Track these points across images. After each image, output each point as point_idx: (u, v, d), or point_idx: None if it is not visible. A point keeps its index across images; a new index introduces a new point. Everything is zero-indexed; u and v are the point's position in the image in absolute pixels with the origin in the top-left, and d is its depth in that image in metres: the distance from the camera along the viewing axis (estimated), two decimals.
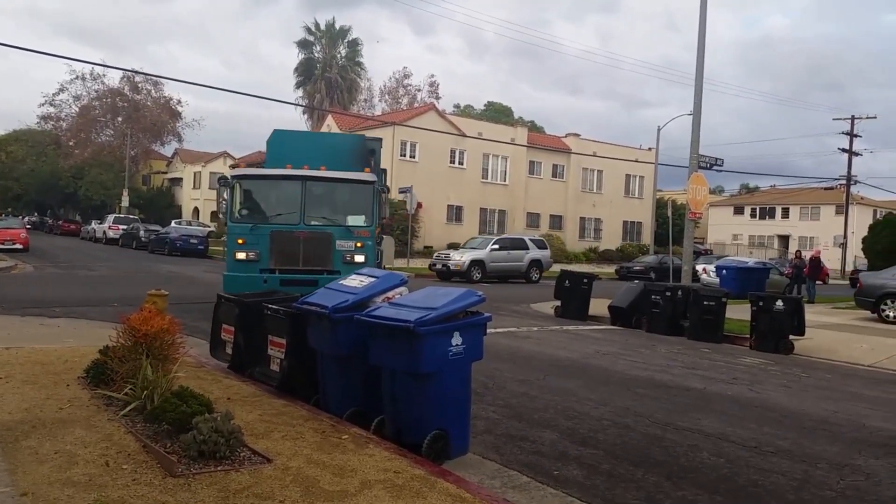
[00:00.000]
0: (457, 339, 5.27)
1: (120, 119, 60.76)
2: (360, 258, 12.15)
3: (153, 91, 60.19)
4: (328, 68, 54.30)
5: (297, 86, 56.08)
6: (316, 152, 12.93)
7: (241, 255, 11.92)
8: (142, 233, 38.87)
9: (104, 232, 43.66)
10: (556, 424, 6.76)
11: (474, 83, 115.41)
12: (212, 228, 50.98)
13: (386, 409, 5.55)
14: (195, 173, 62.49)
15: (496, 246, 27.70)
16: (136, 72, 52.02)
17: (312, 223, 12.24)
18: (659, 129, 38.64)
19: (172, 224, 45.92)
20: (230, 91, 64.17)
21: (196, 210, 61.82)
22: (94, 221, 49.18)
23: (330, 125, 42.70)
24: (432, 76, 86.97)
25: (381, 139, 15.12)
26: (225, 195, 12.24)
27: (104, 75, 59.12)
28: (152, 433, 5.02)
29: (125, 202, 51.75)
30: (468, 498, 4.26)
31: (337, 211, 12.72)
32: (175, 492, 4.03)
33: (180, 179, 64.50)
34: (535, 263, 28.53)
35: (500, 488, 4.87)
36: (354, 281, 6.23)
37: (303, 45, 55.39)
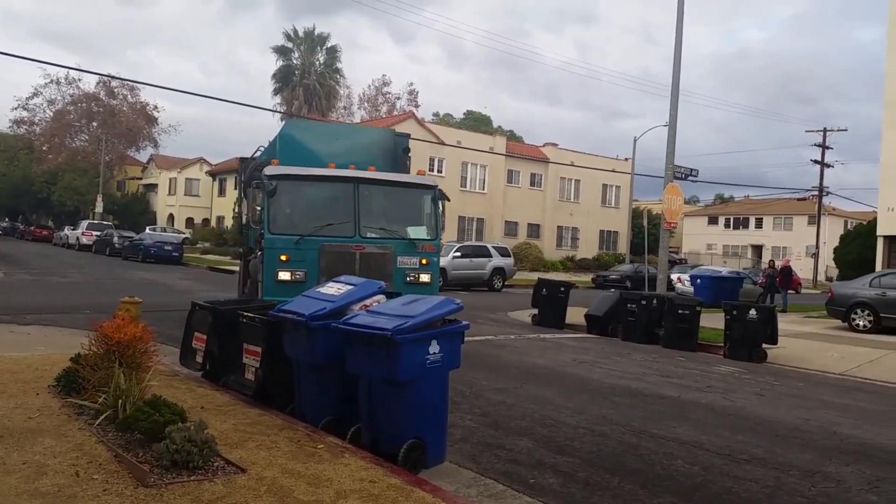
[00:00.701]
0: (434, 348, 5.27)
1: (95, 124, 59.97)
2: (425, 278, 10.31)
3: (129, 96, 59.54)
4: (306, 75, 54.15)
5: (275, 92, 55.87)
6: (343, 149, 11.13)
7: (284, 276, 9.64)
8: (116, 239, 38.34)
9: (77, 238, 43.00)
10: (532, 432, 6.77)
11: (453, 92, 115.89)
12: (187, 235, 50.49)
13: (363, 417, 5.52)
14: (171, 179, 61.88)
15: (458, 253, 26.87)
16: (113, 76, 51.51)
17: (369, 235, 10.18)
18: (635, 140, 39.01)
19: (147, 230, 45.31)
20: (207, 97, 63.82)
21: (171, 216, 61.18)
22: (67, 227, 48.39)
23: None
24: (412, 84, 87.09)
25: (408, 135, 13.02)
26: (258, 200, 10.22)
27: (80, 79, 58.43)
28: (124, 442, 4.95)
29: (99, 208, 51.04)
30: None
31: (393, 220, 10.80)
32: (147, 502, 3.97)
33: (155, 185, 63.80)
34: (498, 272, 27.91)
35: (476, 497, 4.86)
36: (332, 288, 6.21)
37: (281, 51, 55.20)
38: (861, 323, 17.10)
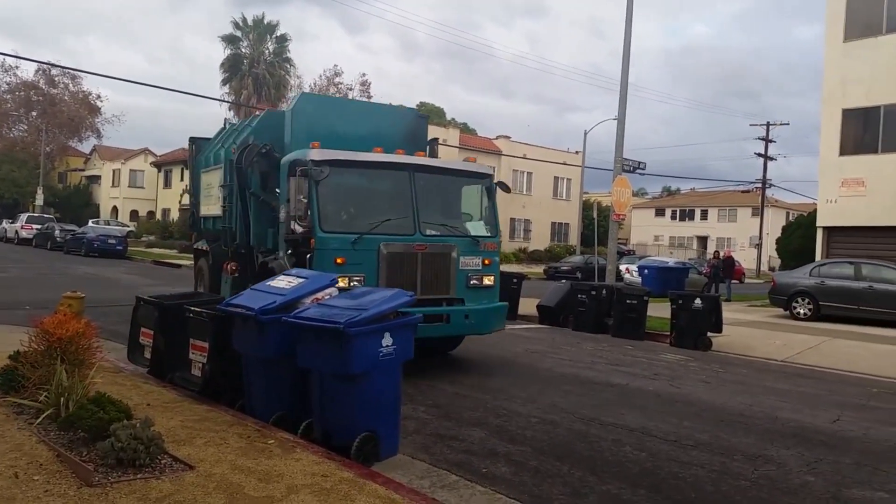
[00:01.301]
0: (387, 340, 5.26)
1: (34, 114, 57.91)
2: (488, 280, 9.19)
3: (70, 85, 57.68)
4: (256, 64, 53.16)
5: (224, 82, 54.66)
6: (366, 130, 9.83)
7: (342, 282, 7.73)
8: (57, 232, 37.11)
9: (16, 231, 41.53)
10: (485, 423, 6.82)
11: (406, 83, 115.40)
12: (131, 228, 49.25)
13: (314, 412, 5.48)
14: (114, 171, 60.19)
15: None
16: (54, 64, 49.80)
17: (429, 233, 8.87)
18: (586, 134, 39.51)
19: (90, 223, 44.09)
20: (152, 86, 62.44)
21: (115, 209, 59.57)
22: (5, 220, 46.66)
23: None
24: (364, 75, 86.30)
25: (427, 116, 11.53)
26: (302, 189, 8.35)
27: (17, 67, 56.29)
28: (67, 442, 4.81)
29: (39, 200, 49.35)
30: (397, 499, 4.25)
31: (448, 215, 9.55)
32: (91, 502, 3.87)
33: (98, 177, 61.98)
34: None
35: (429, 488, 4.88)
36: (282, 282, 6.13)
37: (229, 40, 54.04)
38: (802, 311, 17.68)
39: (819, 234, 21.47)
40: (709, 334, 13.03)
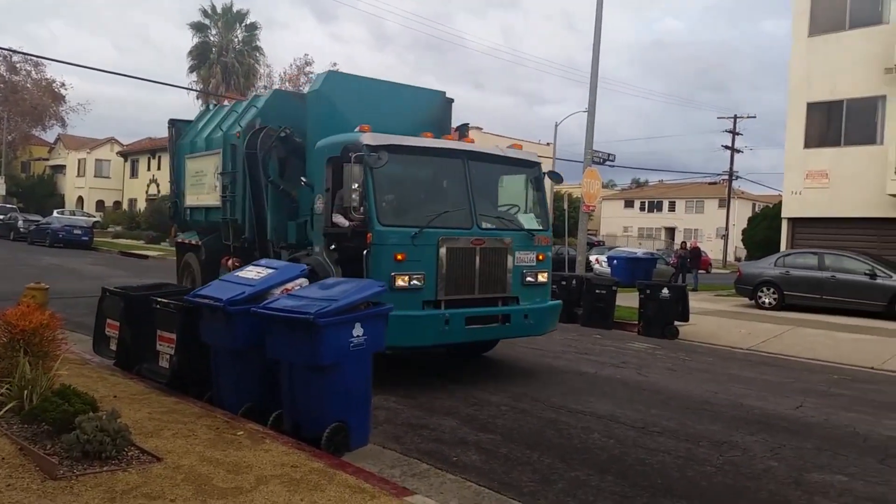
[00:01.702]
0: (358, 331, 5.25)
1: None
2: (542, 277, 8.60)
3: (34, 72, 56.23)
4: (224, 52, 52.41)
5: (191, 70, 53.79)
6: (393, 113, 9.02)
7: (402, 281, 7.41)
8: (20, 223, 36.36)
9: None
10: (456, 412, 6.86)
11: (378, 73, 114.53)
12: (97, 218, 48.38)
13: (284, 403, 5.45)
14: (80, 160, 59.02)
15: None
16: (15, 51, 48.44)
17: (485, 226, 8.19)
18: (556, 126, 39.85)
19: (55, 214, 43.17)
20: (118, 74, 61.18)
21: (80, 199, 58.45)
22: None
23: None
24: (335, 64, 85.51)
25: (453, 99, 10.53)
26: (356, 177, 7.40)
27: None
28: (31, 435, 4.72)
29: (2, 190, 48.21)
30: (367, 488, 4.25)
31: (499, 206, 9.05)
32: (56, 495, 3.81)
33: (63, 167, 60.74)
34: None
35: (399, 477, 4.89)
36: (251, 272, 6.08)
37: (198, 28, 53.15)
38: (767, 300, 18.01)
39: (784, 226, 21.86)
40: (676, 323, 13.22)
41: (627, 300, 15.42)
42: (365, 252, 7.43)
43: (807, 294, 17.32)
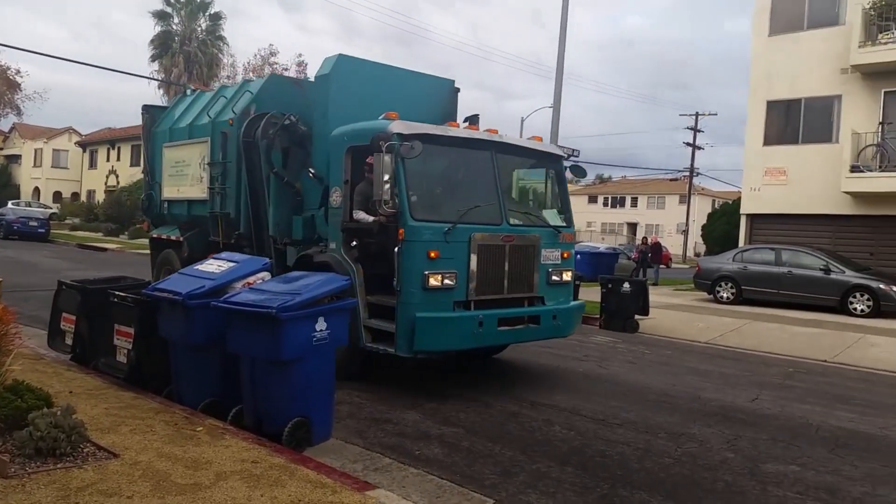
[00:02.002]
0: (321, 325, 5.22)
1: None
2: (567, 276, 8.22)
3: None
4: (187, 42, 51.49)
5: (153, 59, 52.77)
6: (404, 100, 8.52)
7: (435, 280, 6.93)
8: None
9: None
10: (419, 405, 6.87)
11: None
12: (54, 210, 47.20)
13: (245, 398, 5.40)
14: (36, 150, 57.48)
15: None
16: None
17: (513, 222, 7.78)
18: (522, 121, 40.06)
19: (9, 205, 41.96)
20: (76, 62, 59.51)
21: (37, 190, 56.94)
22: None
23: None
24: (300, 56, 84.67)
25: (459, 88, 10.02)
26: (388, 167, 6.80)
27: None
28: None
29: None
30: (329, 483, 4.24)
31: (523, 202, 8.78)
32: (7, 494, 3.72)
33: (19, 157, 59.06)
34: None
35: (362, 471, 4.89)
36: (211, 266, 6.00)
37: (160, 16, 52.10)
38: (725, 295, 18.36)
39: (742, 221, 22.28)
40: (636, 317, 13.40)
41: (590, 294, 15.57)
42: (396, 249, 6.94)
43: (764, 289, 17.69)
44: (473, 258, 7.19)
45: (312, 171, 8.32)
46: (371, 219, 7.43)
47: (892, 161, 18.10)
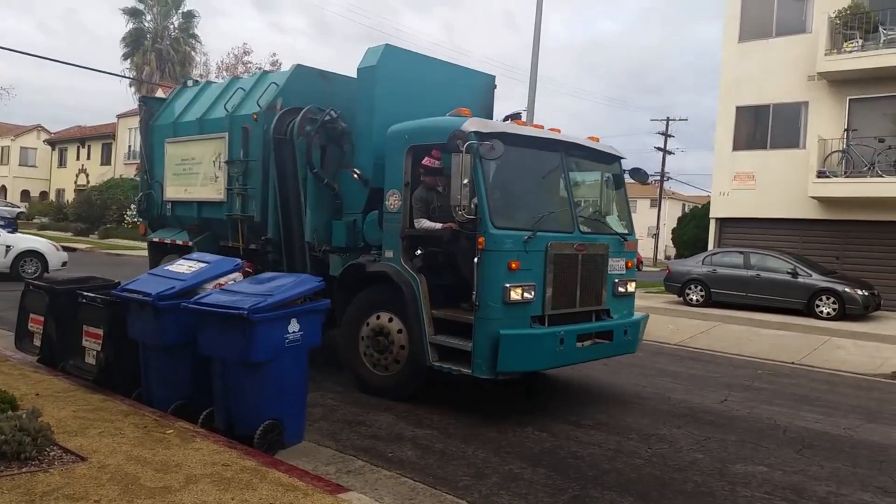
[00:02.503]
0: (294, 326, 5.20)
1: None
2: (631, 288, 7.81)
3: None
4: (159, 39, 50.93)
5: (125, 57, 52.12)
6: (448, 96, 8.07)
7: (516, 294, 6.37)
8: None
9: None
10: (392, 408, 6.85)
11: (320, 66, 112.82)
12: (22, 209, 46.31)
13: (216, 400, 5.35)
14: (3, 148, 56.40)
15: None
16: None
17: (583, 229, 7.29)
18: None
19: None
20: (45, 58, 58.30)
21: (3, 188, 55.85)
22: None
23: None
24: (274, 55, 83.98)
25: (496, 86, 9.52)
26: (467, 169, 6.26)
27: None
28: None
29: None
30: (301, 486, 4.22)
31: (585, 207, 8.06)
32: None
33: None
34: None
35: (334, 474, 4.87)
36: (182, 266, 5.94)
37: (132, 13, 51.44)
38: (694, 297, 18.59)
39: (712, 225, 22.57)
40: None
41: None
42: (476, 259, 6.33)
43: (733, 291, 17.94)
44: (549, 268, 6.67)
45: (357, 171, 7.66)
46: (438, 226, 6.95)
47: (856, 167, 18.48)
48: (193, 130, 9.79)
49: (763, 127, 21.20)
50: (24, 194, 55.33)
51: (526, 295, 6.43)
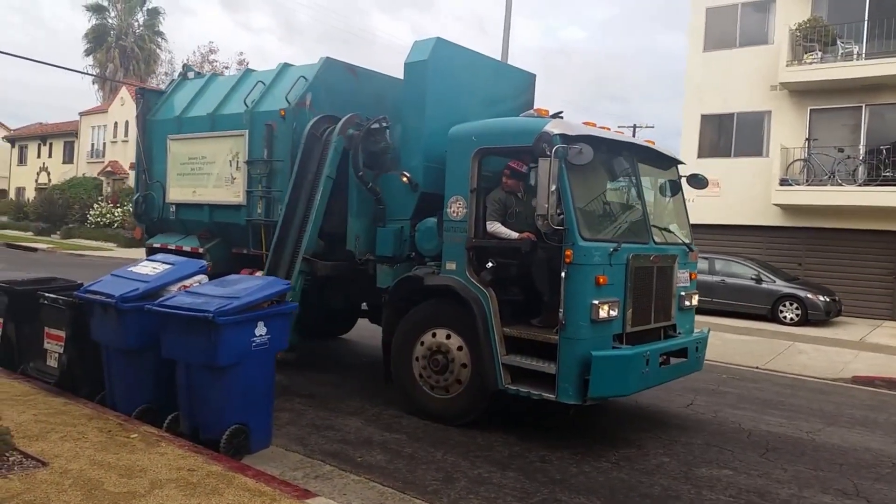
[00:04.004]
0: (261, 330, 5.15)
1: None
2: (695, 301, 7.39)
3: None
4: (123, 36, 50.15)
5: (87, 53, 51.23)
6: (491, 96, 7.75)
7: (603, 311, 5.87)
8: None
9: None
10: (361, 412, 6.82)
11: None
12: None
13: (181, 404, 5.28)
14: None
15: None
16: None
17: (657, 240, 6.84)
18: None
19: None
20: (3, 53, 56.77)
21: None
22: None
23: (124, 97, 39.44)
24: (241, 54, 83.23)
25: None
26: (553, 175, 5.69)
27: None
28: None
29: None
30: (268, 491, 4.17)
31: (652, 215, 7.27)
32: None
33: None
34: None
35: (302, 479, 4.83)
36: (146, 268, 5.84)
37: (95, 9, 50.58)
38: None
39: None
40: None
41: None
42: (564, 273, 5.82)
43: (699, 297, 18.20)
44: (631, 282, 6.21)
45: (406, 174, 7.08)
46: (514, 234, 6.43)
47: (817, 176, 18.90)
48: (203, 126, 9.02)
49: (727, 135, 21.58)
50: None
51: (611, 312, 5.96)
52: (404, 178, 7.09)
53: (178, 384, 5.23)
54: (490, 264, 6.39)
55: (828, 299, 16.73)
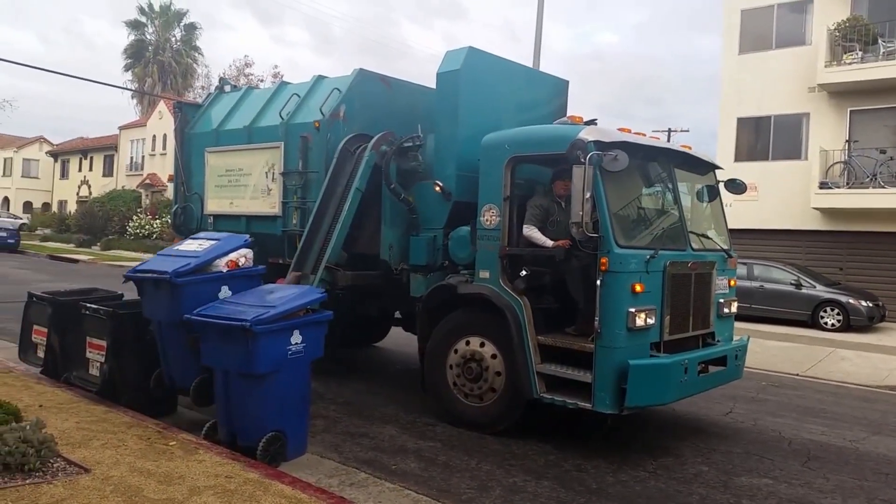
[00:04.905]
0: (296, 338, 5.20)
1: None
2: (734, 307, 7.34)
3: None
4: (161, 51, 51.31)
5: (126, 68, 52.52)
6: (524, 105, 7.77)
7: (640, 319, 5.83)
8: None
9: None
10: (396, 419, 6.84)
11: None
12: (24, 220, 46.44)
13: (219, 412, 5.35)
14: (6, 159, 56.61)
15: None
16: None
17: (694, 247, 6.77)
18: None
19: None
20: (46, 70, 58.39)
21: (6, 200, 56.02)
22: None
23: (162, 111, 40.29)
24: (276, 67, 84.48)
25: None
26: (588, 181, 5.64)
27: None
28: None
29: None
30: (304, 498, 4.21)
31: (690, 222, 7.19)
32: None
33: None
34: None
35: (337, 486, 4.86)
36: (193, 245, 5.98)
37: (134, 25, 51.89)
38: None
39: None
40: None
41: None
42: (599, 281, 5.78)
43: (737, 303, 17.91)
44: (668, 289, 6.14)
45: (439, 184, 7.08)
46: (549, 242, 6.37)
47: (858, 178, 18.48)
48: (241, 139, 9.12)
49: (764, 138, 21.24)
50: (27, 206, 55.47)
51: (648, 320, 5.90)
52: (437, 188, 7.10)
53: (215, 392, 5.30)
54: (524, 272, 6.35)
55: (871, 304, 16.33)
